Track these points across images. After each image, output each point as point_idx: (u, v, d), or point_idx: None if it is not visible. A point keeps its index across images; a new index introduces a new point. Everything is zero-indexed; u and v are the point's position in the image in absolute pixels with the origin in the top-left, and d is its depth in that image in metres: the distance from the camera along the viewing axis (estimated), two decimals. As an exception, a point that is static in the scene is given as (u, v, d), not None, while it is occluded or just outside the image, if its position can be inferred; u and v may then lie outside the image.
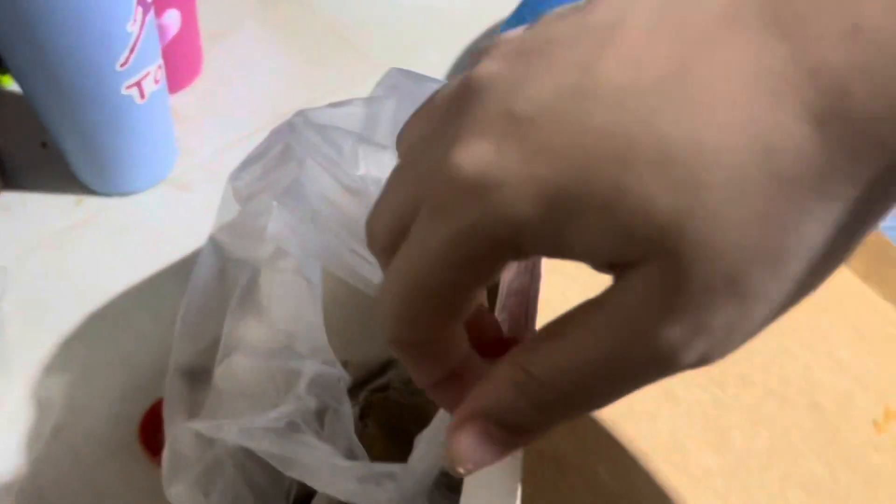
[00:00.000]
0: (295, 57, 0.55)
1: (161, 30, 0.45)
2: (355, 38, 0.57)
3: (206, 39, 0.52)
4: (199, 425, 0.25)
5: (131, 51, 0.37)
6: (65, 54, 0.35)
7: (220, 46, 0.54)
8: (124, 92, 0.39)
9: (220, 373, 0.31)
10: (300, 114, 0.28)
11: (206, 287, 0.35)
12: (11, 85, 0.50)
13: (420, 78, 0.27)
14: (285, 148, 0.27)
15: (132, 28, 0.36)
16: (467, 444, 0.16)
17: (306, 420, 0.25)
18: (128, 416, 0.38)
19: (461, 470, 0.16)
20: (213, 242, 0.36)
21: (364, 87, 0.53)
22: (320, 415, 0.27)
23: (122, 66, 0.37)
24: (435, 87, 0.27)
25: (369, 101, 0.29)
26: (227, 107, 0.51)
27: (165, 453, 0.27)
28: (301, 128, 0.27)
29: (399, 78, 0.28)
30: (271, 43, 0.55)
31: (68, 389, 0.39)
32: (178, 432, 0.27)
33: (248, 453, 0.26)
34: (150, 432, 0.37)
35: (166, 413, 0.30)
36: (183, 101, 0.50)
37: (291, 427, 0.24)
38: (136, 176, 0.45)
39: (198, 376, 0.33)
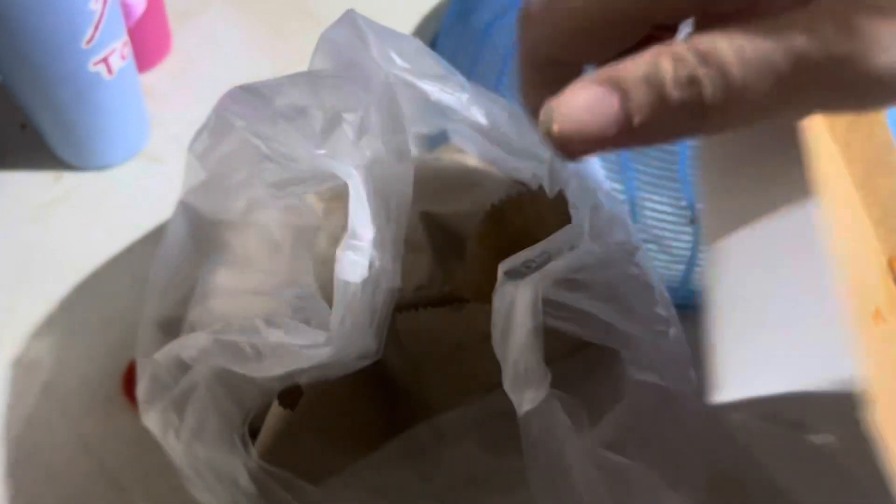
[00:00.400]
0: (262, 33, 0.57)
1: (127, 9, 0.47)
2: (320, 12, 0.59)
3: (174, 19, 0.55)
4: (176, 343, 0.28)
5: (95, 28, 0.39)
6: (32, 34, 0.38)
7: (188, 25, 0.56)
8: (92, 69, 0.41)
9: (195, 314, 0.34)
10: (237, 87, 0.30)
11: (177, 245, 0.38)
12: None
13: (350, 26, 0.29)
14: (218, 117, 0.30)
15: (95, 6, 0.38)
16: (578, 99, 0.14)
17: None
18: (111, 371, 0.41)
19: (555, 127, 0.14)
20: (184, 205, 0.38)
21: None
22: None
23: (87, 43, 0.39)
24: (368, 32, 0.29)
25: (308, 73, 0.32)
26: (197, 82, 0.54)
27: (142, 383, 0.30)
28: (234, 97, 0.29)
29: (335, 35, 0.30)
30: (238, 20, 0.58)
31: (54, 350, 0.41)
32: (158, 357, 0.29)
33: (219, 379, 0.29)
34: (133, 384, 0.40)
35: (139, 357, 0.33)
36: (154, 78, 0.53)
37: (269, 321, 0.26)
38: (111, 150, 0.48)
39: (170, 327, 0.36)
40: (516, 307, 0.23)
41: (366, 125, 0.28)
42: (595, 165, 0.39)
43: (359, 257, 0.27)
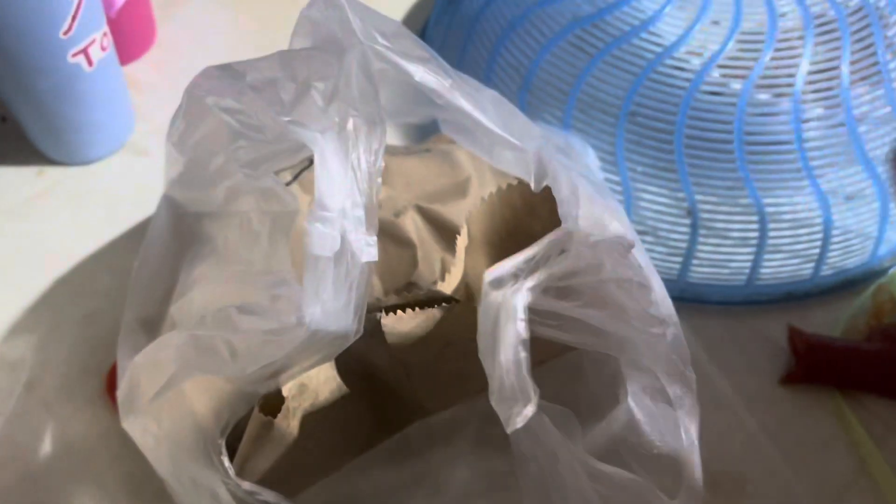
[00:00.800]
0: (248, 22, 0.56)
1: (108, -1, 0.46)
2: (307, 1, 0.58)
3: (159, 8, 0.53)
4: (154, 344, 0.27)
5: (73, 18, 0.38)
6: (8, 24, 0.37)
7: (173, 15, 0.55)
8: (71, 60, 0.40)
9: (175, 308, 0.33)
10: (210, 66, 0.29)
11: (160, 241, 0.37)
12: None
13: (329, 3, 0.28)
14: (190, 98, 0.29)
15: (72, -4, 0.37)
16: None
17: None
18: (95, 370, 0.40)
19: None
20: (167, 199, 0.37)
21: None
22: None
23: (65, 34, 0.38)
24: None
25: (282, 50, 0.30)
26: (183, 73, 0.52)
27: (121, 386, 0.29)
28: (206, 75, 0.28)
29: (313, 13, 0.29)
30: (224, 9, 0.56)
31: (38, 348, 0.40)
32: (137, 360, 0.28)
33: (197, 384, 0.28)
34: (116, 384, 0.39)
35: (120, 358, 0.32)
36: (138, 69, 0.52)
37: (242, 308, 0.25)
38: (94, 144, 0.46)
39: (152, 326, 0.35)
40: (501, 320, 0.22)
41: (336, 92, 0.26)
42: (591, 157, 0.38)
43: (328, 229, 0.26)
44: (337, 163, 0.27)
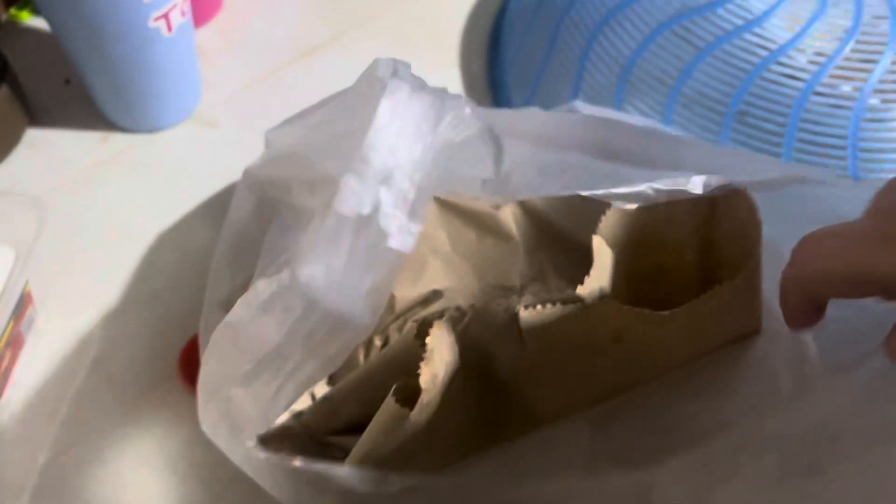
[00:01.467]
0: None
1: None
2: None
3: (227, -27, 0.51)
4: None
5: (159, -19, 0.36)
6: (92, -14, 0.35)
7: (240, -20, 0.53)
8: (151, 24, 0.38)
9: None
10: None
11: (242, 223, 0.35)
12: (29, 20, 0.49)
13: (414, 83, 0.24)
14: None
15: (160, -43, 0.35)
16: None
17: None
18: (164, 350, 0.38)
19: None
20: (249, 177, 0.35)
21: (385, 22, 0.52)
22: None
23: (149, -3, 0.36)
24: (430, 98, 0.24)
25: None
26: (250, 41, 0.50)
27: (200, 388, 0.27)
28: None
29: (386, 71, 0.25)
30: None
31: (104, 324, 0.39)
32: (211, 349, 0.27)
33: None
34: (189, 365, 0.37)
35: (203, 344, 0.30)
36: (205, 36, 0.50)
37: None
38: (163, 112, 0.45)
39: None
40: None
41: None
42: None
43: (360, 187, 0.21)
44: (407, 116, 0.22)
